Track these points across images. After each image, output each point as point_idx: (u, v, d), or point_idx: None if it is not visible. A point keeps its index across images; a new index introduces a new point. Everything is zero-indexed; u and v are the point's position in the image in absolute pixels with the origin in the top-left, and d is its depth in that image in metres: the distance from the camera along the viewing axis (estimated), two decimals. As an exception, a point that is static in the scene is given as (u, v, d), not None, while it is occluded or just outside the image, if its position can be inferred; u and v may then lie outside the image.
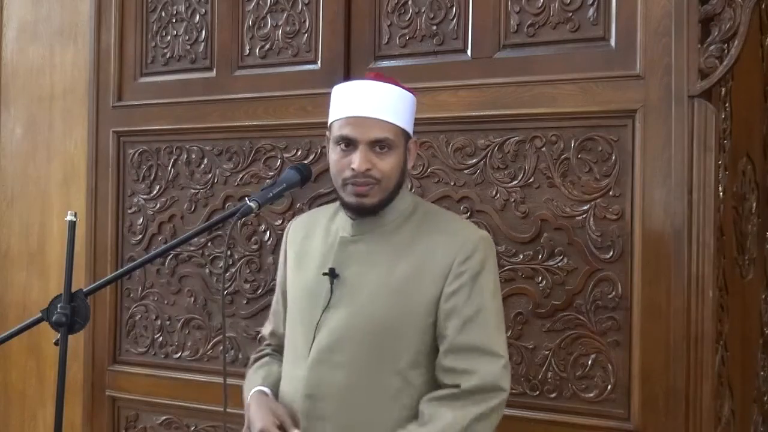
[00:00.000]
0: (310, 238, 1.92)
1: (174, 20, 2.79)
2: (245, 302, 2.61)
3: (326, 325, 1.77)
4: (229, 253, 2.62)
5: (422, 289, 1.74)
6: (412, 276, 1.75)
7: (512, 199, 2.21)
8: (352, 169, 1.73)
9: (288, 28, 2.58)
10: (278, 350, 2.00)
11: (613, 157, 2.11)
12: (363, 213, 1.79)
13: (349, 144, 1.74)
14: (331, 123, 1.80)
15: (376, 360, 1.74)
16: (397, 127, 1.77)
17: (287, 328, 1.91)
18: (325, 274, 1.79)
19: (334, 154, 1.78)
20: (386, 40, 2.41)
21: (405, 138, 1.80)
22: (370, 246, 1.80)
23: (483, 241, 1.80)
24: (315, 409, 1.75)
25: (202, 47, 2.73)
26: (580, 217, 2.14)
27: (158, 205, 2.80)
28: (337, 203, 1.89)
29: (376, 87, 1.78)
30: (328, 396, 1.75)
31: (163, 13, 2.81)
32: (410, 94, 1.83)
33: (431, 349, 1.75)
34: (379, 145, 1.74)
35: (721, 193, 2.04)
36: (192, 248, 2.71)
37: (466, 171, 2.27)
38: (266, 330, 2.06)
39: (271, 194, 1.70)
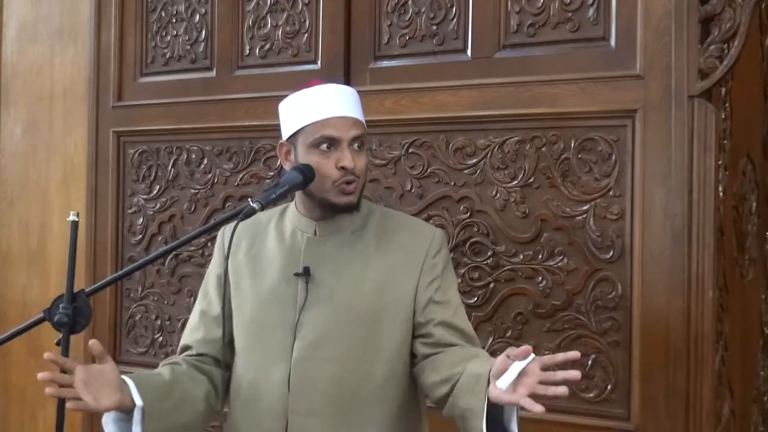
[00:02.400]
0: (259, 243, 1.90)
1: (174, 20, 2.79)
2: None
3: (308, 323, 1.78)
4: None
5: (400, 281, 1.80)
6: (387, 270, 1.80)
7: (512, 199, 2.22)
8: (343, 168, 1.74)
9: (288, 28, 2.58)
10: (203, 357, 1.91)
11: (613, 157, 2.11)
12: (346, 211, 1.81)
13: (331, 145, 1.76)
14: (303, 128, 1.79)
15: (363, 352, 1.77)
16: (365, 126, 1.83)
17: (245, 334, 1.86)
18: (297, 274, 1.80)
19: (312, 156, 1.77)
20: (386, 40, 2.42)
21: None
22: (340, 245, 1.83)
23: (443, 237, 1.89)
24: (304, 405, 1.76)
25: (202, 47, 2.74)
26: (580, 217, 2.14)
27: (158, 205, 2.80)
28: (280, 207, 1.92)
29: (341, 89, 1.85)
30: (317, 391, 1.76)
31: (163, 13, 2.82)
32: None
33: (409, 339, 1.81)
34: (357, 143, 1.78)
35: (721, 193, 2.04)
36: (192, 248, 2.71)
37: (466, 171, 2.28)
38: (190, 339, 1.94)
39: (273, 195, 1.70)
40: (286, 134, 1.84)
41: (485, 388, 1.52)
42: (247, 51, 2.65)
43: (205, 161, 2.71)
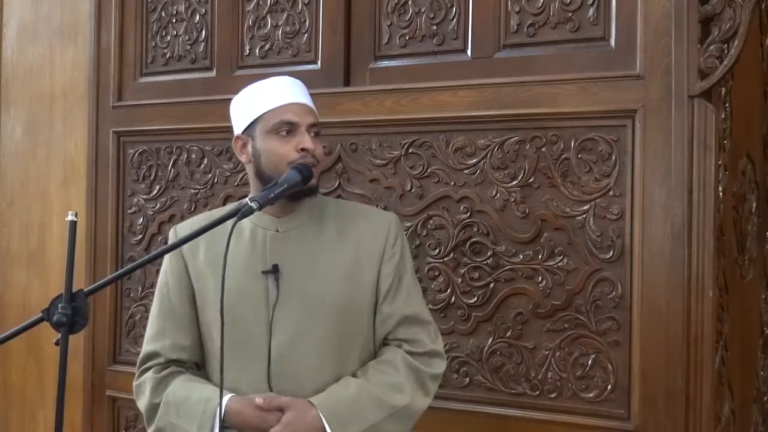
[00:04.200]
0: (218, 244, 1.85)
1: (174, 20, 2.79)
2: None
3: (283, 320, 1.80)
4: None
5: (363, 271, 1.86)
6: (351, 261, 1.85)
7: (512, 199, 2.21)
8: (303, 149, 1.78)
9: (288, 28, 2.58)
10: (179, 363, 1.91)
11: (613, 157, 2.11)
12: (307, 194, 1.82)
13: (289, 130, 1.79)
14: (260, 116, 1.82)
15: (338, 344, 1.82)
16: (318, 116, 1.88)
17: (215, 334, 1.82)
18: (266, 272, 1.82)
19: (271, 142, 1.80)
20: (386, 40, 2.41)
21: None
22: (303, 239, 1.85)
23: (398, 222, 1.96)
24: None
25: (202, 47, 2.74)
26: (580, 217, 2.14)
27: (158, 205, 2.80)
28: (232, 205, 1.95)
29: (294, 80, 1.90)
30: (299, 386, 1.78)
31: (163, 13, 2.81)
32: None
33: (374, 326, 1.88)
34: (314, 130, 1.83)
35: (721, 193, 2.04)
36: (192, 248, 2.70)
37: (466, 171, 2.27)
38: (157, 345, 1.92)
39: (272, 195, 1.70)
40: (241, 127, 1.87)
41: None
42: (247, 51, 2.65)
43: (205, 161, 2.70)
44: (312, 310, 1.81)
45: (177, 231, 1.97)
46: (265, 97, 1.83)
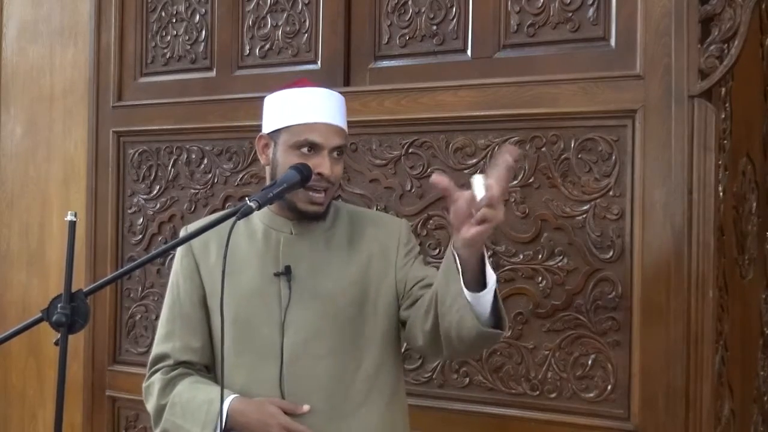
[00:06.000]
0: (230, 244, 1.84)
1: (174, 20, 2.79)
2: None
3: (295, 321, 1.79)
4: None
5: (377, 272, 1.84)
6: (364, 263, 1.84)
7: (512, 199, 2.21)
8: (320, 174, 1.76)
9: (288, 28, 2.58)
10: (188, 365, 1.87)
11: (613, 157, 2.11)
12: (313, 219, 1.83)
13: (312, 149, 1.77)
14: (287, 126, 1.79)
15: (352, 345, 1.80)
16: (347, 135, 1.86)
17: (231, 336, 1.80)
18: (278, 273, 1.81)
19: (291, 156, 1.78)
20: (386, 40, 2.42)
21: None
22: (316, 242, 1.85)
23: (409, 225, 1.98)
24: (302, 404, 1.76)
25: (202, 47, 2.74)
26: (580, 217, 2.14)
27: (158, 205, 2.80)
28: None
29: (331, 95, 1.85)
30: (313, 388, 1.76)
31: (163, 13, 2.82)
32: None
33: (394, 324, 1.85)
34: (337, 152, 1.80)
35: (721, 193, 2.04)
36: (192, 248, 2.70)
37: (466, 171, 2.27)
38: (167, 347, 1.88)
39: (271, 194, 1.69)
40: (268, 128, 1.85)
41: (453, 255, 1.58)
42: (247, 51, 2.65)
43: (205, 161, 2.70)
44: (325, 310, 1.79)
45: (188, 231, 1.95)
46: (297, 108, 1.80)
